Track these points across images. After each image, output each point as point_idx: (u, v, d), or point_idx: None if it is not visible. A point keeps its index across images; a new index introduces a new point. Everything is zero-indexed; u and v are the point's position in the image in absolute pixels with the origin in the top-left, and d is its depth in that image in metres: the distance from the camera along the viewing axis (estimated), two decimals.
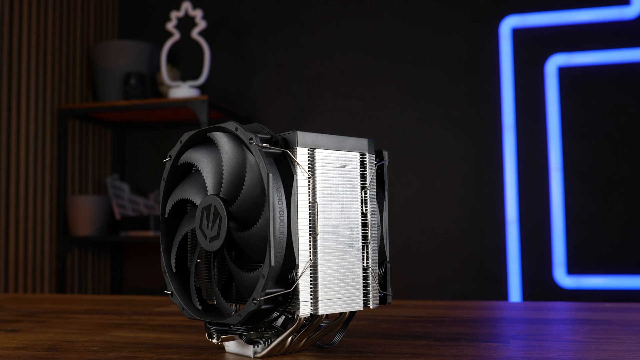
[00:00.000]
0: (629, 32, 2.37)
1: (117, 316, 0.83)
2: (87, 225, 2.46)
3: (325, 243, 0.53)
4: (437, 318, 0.78)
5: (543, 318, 0.80)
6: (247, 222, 0.53)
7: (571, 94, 2.41)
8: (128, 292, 2.78)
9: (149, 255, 2.78)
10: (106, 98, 2.54)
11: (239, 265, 0.56)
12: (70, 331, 0.71)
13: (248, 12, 2.74)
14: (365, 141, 0.58)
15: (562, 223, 2.38)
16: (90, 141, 2.67)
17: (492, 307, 0.94)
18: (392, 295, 0.59)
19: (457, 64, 2.53)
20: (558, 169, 2.39)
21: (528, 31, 2.46)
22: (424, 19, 2.56)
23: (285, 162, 0.53)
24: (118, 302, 1.01)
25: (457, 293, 2.45)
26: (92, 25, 2.71)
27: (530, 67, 2.45)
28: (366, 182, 0.57)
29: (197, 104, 2.34)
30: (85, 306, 0.95)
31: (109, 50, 2.56)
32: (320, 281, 0.52)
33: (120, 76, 2.52)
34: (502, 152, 2.45)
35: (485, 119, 2.49)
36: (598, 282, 2.33)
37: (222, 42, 2.72)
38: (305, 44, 2.67)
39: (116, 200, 2.56)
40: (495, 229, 2.45)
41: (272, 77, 2.69)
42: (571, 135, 2.39)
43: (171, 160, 0.60)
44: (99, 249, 2.71)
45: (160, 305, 0.94)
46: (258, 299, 0.50)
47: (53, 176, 2.44)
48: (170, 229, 0.61)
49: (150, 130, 2.84)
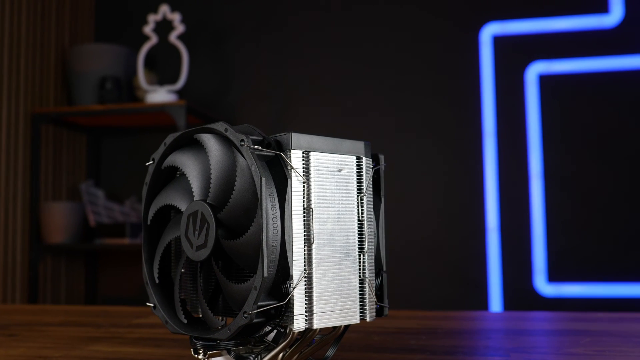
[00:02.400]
0: (609, 40, 2.38)
1: (94, 329, 0.79)
2: (60, 233, 2.40)
3: (320, 252, 0.49)
4: (430, 329, 0.75)
5: (538, 329, 0.77)
6: (237, 230, 0.50)
7: (551, 102, 2.41)
8: (103, 302, 2.71)
9: (125, 264, 2.71)
10: (81, 102, 2.48)
11: (226, 276, 0.52)
12: (44, 345, 0.67)
13: (227, 17, 2.70)
14: (362, 144, 0.55)
15: (542, 230, 2.37)
16: (64, 146, 2.61)
17: (484, 317, 0.92)
18: (388, 307, 0.56)
19: (438, 70, 2.52)
20: (538, 176, 2.39)
21: (508, 38, 2.46)
22: (405, 25, 2.55)
23: (279, 166, 0.49)
24: (94, 314, 0.97)
25: (438, 301, 2.43)
26: (67, 28, 2.65)
27: (510, 75, 2.45)
28: (363, 188, 0.54)
29: (174, 108, 2.29)
30: (60, 318, 0.91)
31: (84, 53, 2.51)
32: (316, 293, 0.49)
33: (96, 80, 2.46)
34: (482, 159, 2.44)
35: (466, 126, 2.48)
36: (578, 290, 2.33)
37: (200, 46, 2.68)
38: (285, 49, 2.64)
39: (91, 207, 2.49)
40: (476, 236, 2.43)
41: (252, 82, 2.66)
42: (551, 142, 2.39)
43: (154, 164, 0.56)
44: (72, 257, 2.64)
45: (139, 317, 0.89)
46: (249, 312, 0.46)
47: (26, 182, 2.37)
48: (152, 237, 0.57)
49: (126, 135, 2.78)
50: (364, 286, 0.53)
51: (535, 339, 0.69)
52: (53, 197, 2.52)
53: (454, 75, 2.50)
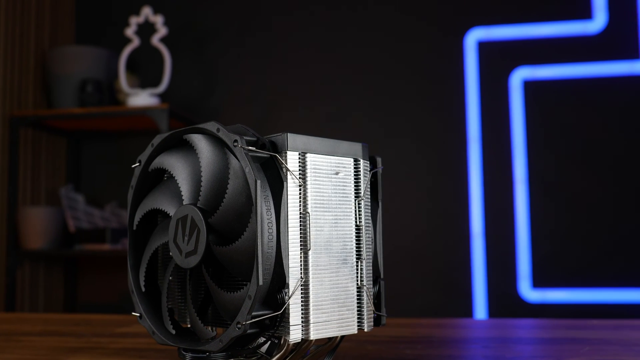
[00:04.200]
0: (592, 46, 2.38)
1: (75, 338, 0.75)
2: (39, 238, 2.35)
3: (317, 259, 0.47)
4: (425, 338, 0.73)
5: (534, 337, 0.75)
6: (229, 236, 0.47)
7: (536, 107, 2.41)
8: (82, 309, 2.66)
9: (105, 270, 2.66)
10: (61, 105, 2.43)
11: (217, 284, 0.50)
12: (22, 357, 0.64)
13: (211, 20, 2.67)
14: (360, 146, 0.53)
15: (527, 236, 2.37)
16: (43, 150, 2.55)
17: (478, 325, 0.90)
18: (386, 316, 0.54)
19: (423, 75, 2.51)
20: (523, 181, 2.38)
21: (493, 44, 2.46)
22: (390, 29, 2.54)
23: (273, 168, 0.47)
24: (75, 322, 0.93)
25: (423, 307, 2.41)
26: (47, 29, 2.60)
27: (495, 80, 2.44)
28: (360, 191, 0.51)
29: (157, 112, 2.25)
30: (39, 327, 0.87)
31: (64, 55, 2.46)
32: (312, 302, 0.46)
33: (76, 83, 2.42)
34: (467, 164, 2.43)
35: (451, 131, 2.47)
36: (563, 296, 2.32)
37: (183, 49, 2.65)
38: (269, 53, 2.61)
39: (70, 212, 2.45)
40: (461, 242, 2.42)
41: (235, 86, 2.63)
42: (536, 148, 2.39)
43: (141, 166, 0.54)
44: (51, 263, 2.58)
45: (122, 326, 0.86)
46: (243, 322, 0.44)
47: (4, 186, 2.32)
48: (138, 243, 0.55)
49: (107, 139, 2.74)
50: (362, 294, 0.50)
51: (534, 348, 0.68)
52: (32, 201, 2.46)
53: (439, 81, 2.49)
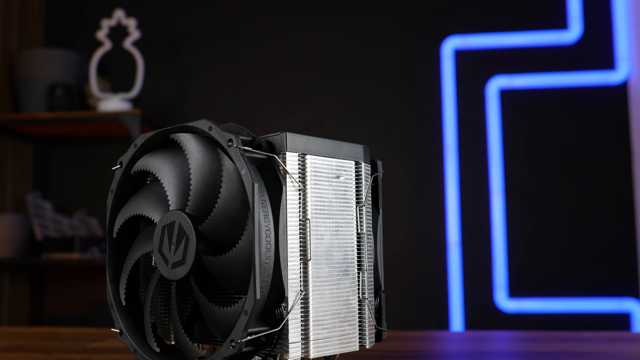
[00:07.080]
0: (568, 56, 2.39)
1: (45, 355, 0.70)
2: (4, 247, 2.26)
3: (318, 270, 0.43)
4: (416, 352, 0.70)
5: (533, 351, 0.73)
6: (222, 244, 0.43)
7: (512, 117, 2.40)
8: (49, 322, 2.57)
9: (74, 280, 2.58)
10: (29, 109, 2.36)
11: (206, 297, 0.46)
12: None
13: (185, 24, 2.62)
14: (361, 148, 0.49)
15: (503, 245, 2.36)
16: (9, 155, 2.47)
17: (469, 337, 0.87)
18: (386, 331, 0.50)
19: (399, 83, 2.49)
20: (499, 191, 2.37)
21: (470, 52, 2.45)
22: (366, 37, 2.51)
23: (270, 170, 0.43)
24: (43, 336, 0.88)
25: (399, 317, 2.38)
26: (14, 31, 2.52)
27: (472, 89, 2.43)
28: (362, 197, 0.48)
29: (129, 117, 2.19)
30: (5, 342, 0.82)
31: (33, 58, 2.38)
32: (312, 317, 0.42)
33: (45, 87, 2.35)
34: (443, 173, 2.41)
35: (427, 140, 2.45)
36: (539, 306, 2.32)
37: (156, 53, 2.59)
38: (244, 60, 2.57)
39: (37, 219, 2.36)
40: (437, 252, 2.40)
41: (209, 92, 2.58)
42: (512, 157, 2.39)
43: (122, 168, 0.49)
44: (17, 273, 2.49)
45: (94, 340, 0.81)
46: (238, 340, 0.40)
47: None
48: (118, 253, 0.50)
49: (77, 145, 2.66)
50: (363, 308, 0.47)
51: None
52: None
53: (415, 89, 2.47)
